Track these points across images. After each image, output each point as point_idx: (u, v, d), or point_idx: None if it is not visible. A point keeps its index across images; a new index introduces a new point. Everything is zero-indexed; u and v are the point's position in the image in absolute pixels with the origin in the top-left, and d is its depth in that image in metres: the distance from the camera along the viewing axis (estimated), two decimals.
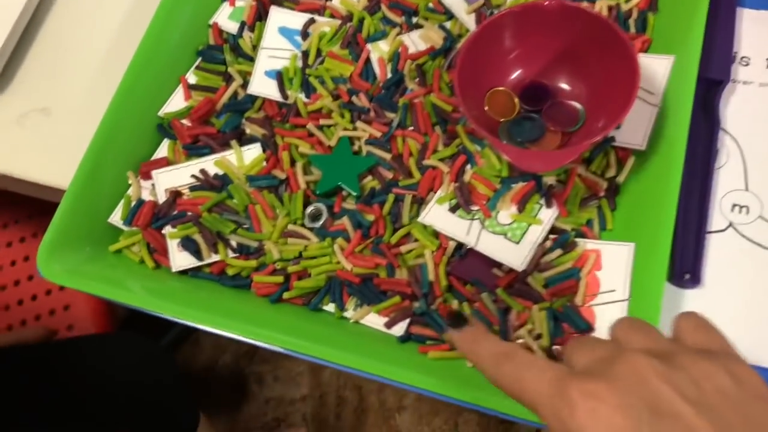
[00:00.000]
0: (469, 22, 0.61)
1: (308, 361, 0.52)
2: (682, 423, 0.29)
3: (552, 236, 0.54)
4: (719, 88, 0.59)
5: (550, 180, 0.55)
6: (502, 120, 0.57)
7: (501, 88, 0.57)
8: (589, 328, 0.50)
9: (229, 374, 1.42)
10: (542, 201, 0.54)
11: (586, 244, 0.53)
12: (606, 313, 0.51)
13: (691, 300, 0.54)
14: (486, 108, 0.57)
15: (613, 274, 0.52)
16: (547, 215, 0.54)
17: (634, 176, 0.55)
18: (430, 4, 0.63)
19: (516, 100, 0.57)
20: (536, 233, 0.53)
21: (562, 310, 0.51)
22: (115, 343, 0.86)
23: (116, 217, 0.58)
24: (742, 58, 0.61)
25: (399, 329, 0.53)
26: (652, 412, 0.29)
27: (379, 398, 1.36)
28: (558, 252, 0.53)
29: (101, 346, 0.85)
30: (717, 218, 0.56)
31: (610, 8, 0.60)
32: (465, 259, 0.54)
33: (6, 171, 0.64)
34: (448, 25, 0.62)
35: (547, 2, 0.53)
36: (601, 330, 0.50)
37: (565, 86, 0.57)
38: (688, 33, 0.56)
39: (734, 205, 0.56)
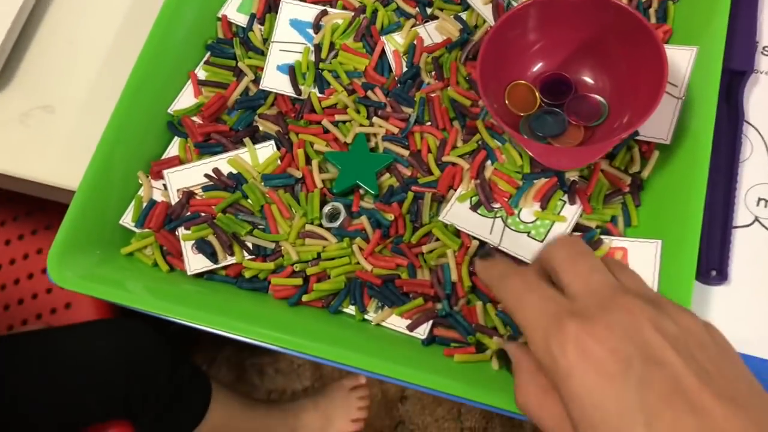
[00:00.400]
0: (486, 12, 0.59)
1: None
2: (669, 371, 0.29)
3: (576, 234, 0.53)
4: (742, 79, 0.57)
5: (572, 176, 0.54)
6: (522, 114, 0.56)
7: (522, 82, 0.56)
8: None
9: (229, 367, 1.40)
10: (565, 197, 0.53)
11: (612, 242, 0.52)
12: None
13: (718, 297, 0.53)
14: (506, 102, 0.56)
15: (640, 272, 0.50)
16: (571, 212, 0.53)
17: (659, 171, 0.54)
18: None
19: (537, 93, 0.56)
20: (560, 231, 0.52)
21: None
22: (108, 328, 0.85)
23: (127, 219, 0.56)
24: (765, 47, 0.60)
25: (422, 331, 0.52)
26: (642, 358, 0.30)
27: (382, 388, 1.36)
28: None
29: (94, 332, 0.84)
30: (742, 213, 0.55)
31: None
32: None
33: (9, 171, 0.62)
34: (464, 15, 0.60)
35: None
36: None
37: (587, 79, 0.56)
38: (710, 23, 0.55)
39: (759, 199, 0.55)
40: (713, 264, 0.53)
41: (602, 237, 0.52)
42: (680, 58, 0.55)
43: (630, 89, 0.53)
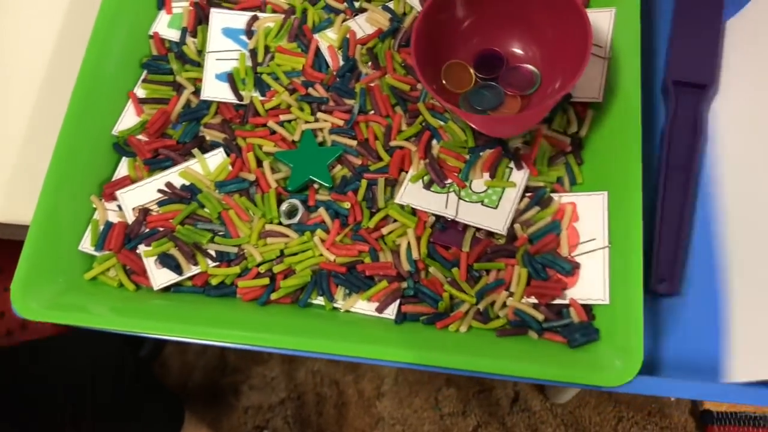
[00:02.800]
0: None
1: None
2: None
3: (527, 194, 0.55)
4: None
5: (516, 143, 0.56)
6: (460, 92, 0.58)
7: (456, 61, 0.58)
8: (573, 269, 0.52)
9: (202, 391, 1.39)
10: (512, 164, 0.55)
11: (561, 198, 0.54)
12: (590, 261, 0.52)
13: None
14: (443, 82, 0.58)
15: (591, 224, 0.53)
16: (519, 177, 0.55)
17: (596, 129, 0.57)
18: None
19: (471, 70, 0.58)
20: (512, 195, 0.54)
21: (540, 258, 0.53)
22: (71, 342, 0.83)
23: (86, 244, 0.56)
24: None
25: (391, 312, 0.53)
26: None
27: (357, 389, 1.36)
28: (536, 209, 0.54)
29: (55, 347, 0.82)
30: None
31: None
32: (446, 231, 0.55)
33: None
34: (391, 5, 0.62)
35: None
36: (587, 278, 0.52)
37: (518, 51, 0.58)
38: None
39: None
40: (664, 275, 0.56)
41: (551, 195, 0.54)
42: (601, 20, 0.58)
43: (558, 55, 0.55)
